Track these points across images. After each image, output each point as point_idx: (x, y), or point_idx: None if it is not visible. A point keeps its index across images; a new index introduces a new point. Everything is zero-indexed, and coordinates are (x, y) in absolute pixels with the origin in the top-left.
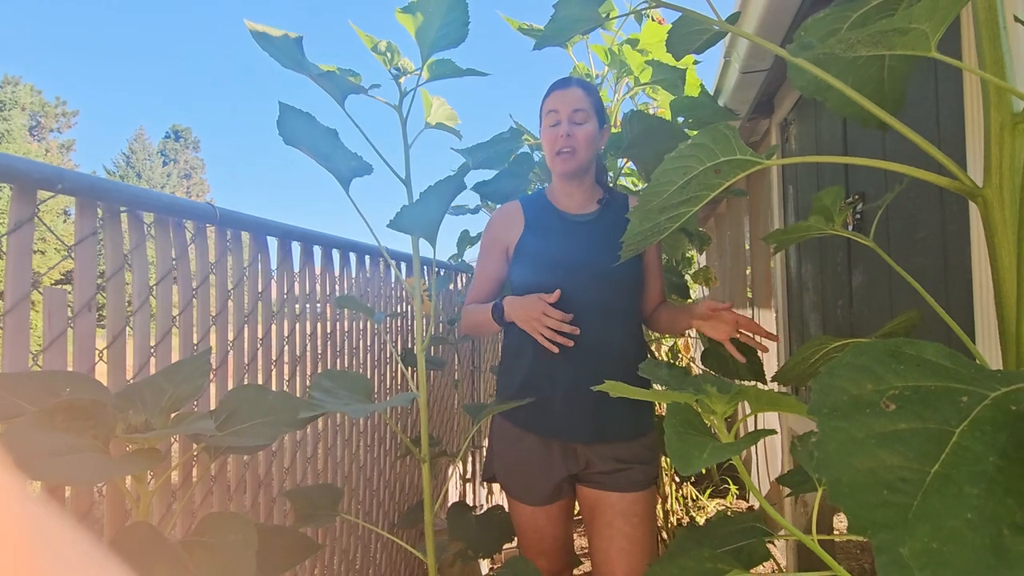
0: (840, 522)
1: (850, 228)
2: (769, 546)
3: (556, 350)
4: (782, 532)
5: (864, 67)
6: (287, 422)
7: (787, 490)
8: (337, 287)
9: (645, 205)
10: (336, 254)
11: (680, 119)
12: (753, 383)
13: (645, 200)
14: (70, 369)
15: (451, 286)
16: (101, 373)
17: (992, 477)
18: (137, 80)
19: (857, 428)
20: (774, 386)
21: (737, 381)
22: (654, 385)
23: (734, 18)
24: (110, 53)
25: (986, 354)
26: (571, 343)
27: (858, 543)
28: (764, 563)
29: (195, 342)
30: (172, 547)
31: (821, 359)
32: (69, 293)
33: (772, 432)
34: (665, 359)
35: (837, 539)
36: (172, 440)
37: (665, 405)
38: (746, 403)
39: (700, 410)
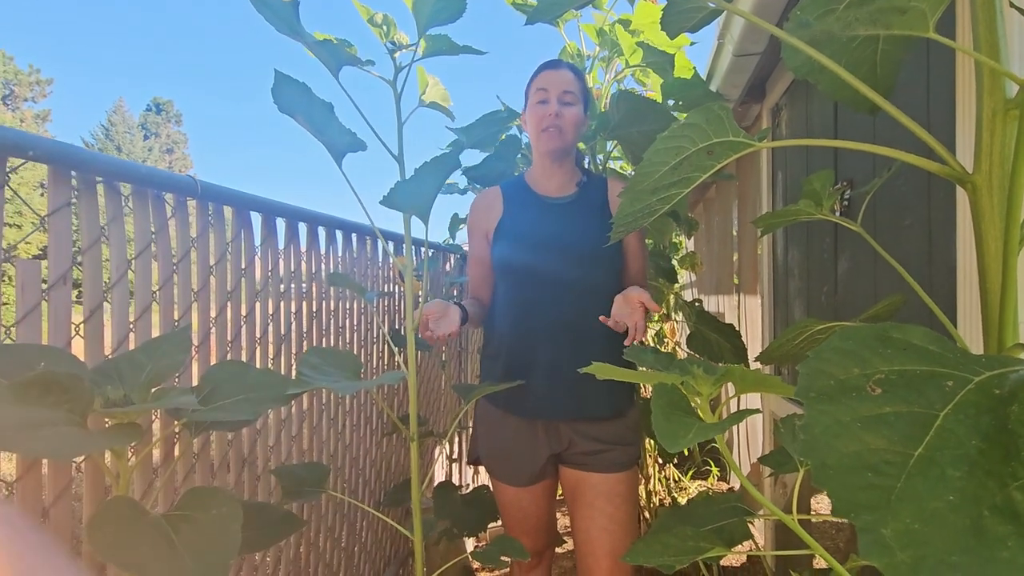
0: (817, 503)
1: (838, 214)
2: (749, 524)
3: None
4: (762, 512)
5: (857, 50)
6: (270, 398)
7: (767, 471)
8: (323, 266)
9: (636, 186)
10: (322, 232)
11: (671, 102)
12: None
13: (636, 181)
14: (45, 343)
15: (444, 265)
16: (79, 349)
17: (974, 460)
18: (115, 50)
19: (843, 412)
20: (758, 368)
21: (720, 364)
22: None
23: None
24: (85, 22)
25: (967, 338)
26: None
27: (833, 523)
28: (744, 542)
29: (176, 318)
30: (155, 521)
31: (805, 341)
32: (44, 266)
33: (756, 411)
34: (651, 343)
35: (815, 519)
36: (153, 417)
37: (650, 387)
38: (730, 385)
39: (685, 392)
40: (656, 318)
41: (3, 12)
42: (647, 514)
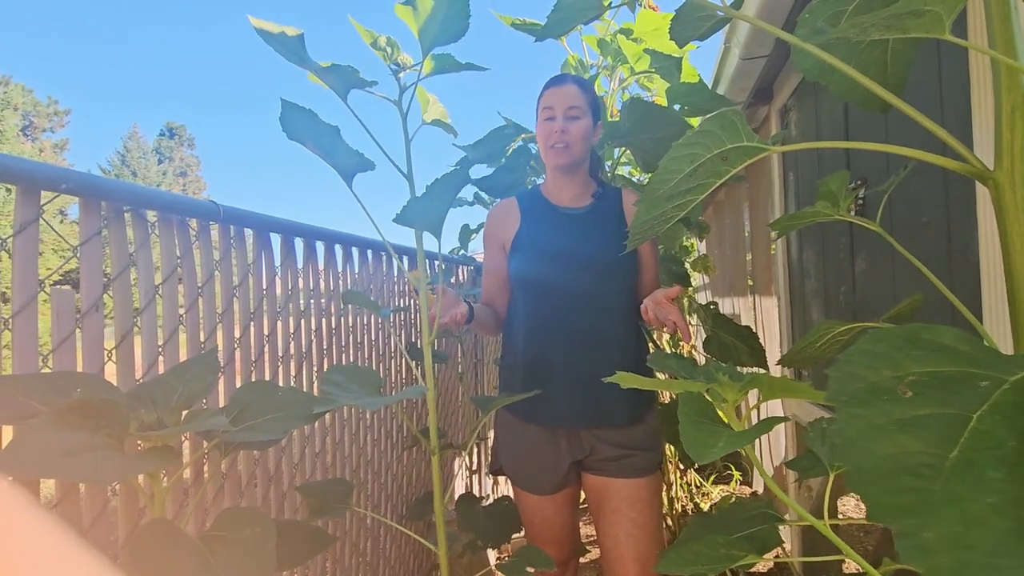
0: (843, 505)
1: (853, 214)
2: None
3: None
4: (787, 515)
5: (867, 51)
6: (298, 416)
7: (791, 476)
8: (340, 282)
9: (652, 193)
10: (339, 249)
11: (677, 107)
12: (756, 369)
13: (652, 188)
14: (80, 370)
15: (452, 279)
16: (111, 373)
17: (1013, 461)
18: (129, 79)
19: (876, 415)
20: (778, 370)
21: (740, 368)
22: (657, 374)
23: (737, 3)
24: (98, 47)
25: (995, 337)
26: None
27: (860, 527)
28: (776, 548)
29: (202, 340)
30: (192, 542)
31: (827, 343)
32: (76, 294)
33: (785, 419)
34: (667, 347)
35: (843, 523)
36: (183, 438)
37: (668, 393)
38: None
39: (711, 399)
40: None
41: (22, 46)
42: (669, 521)
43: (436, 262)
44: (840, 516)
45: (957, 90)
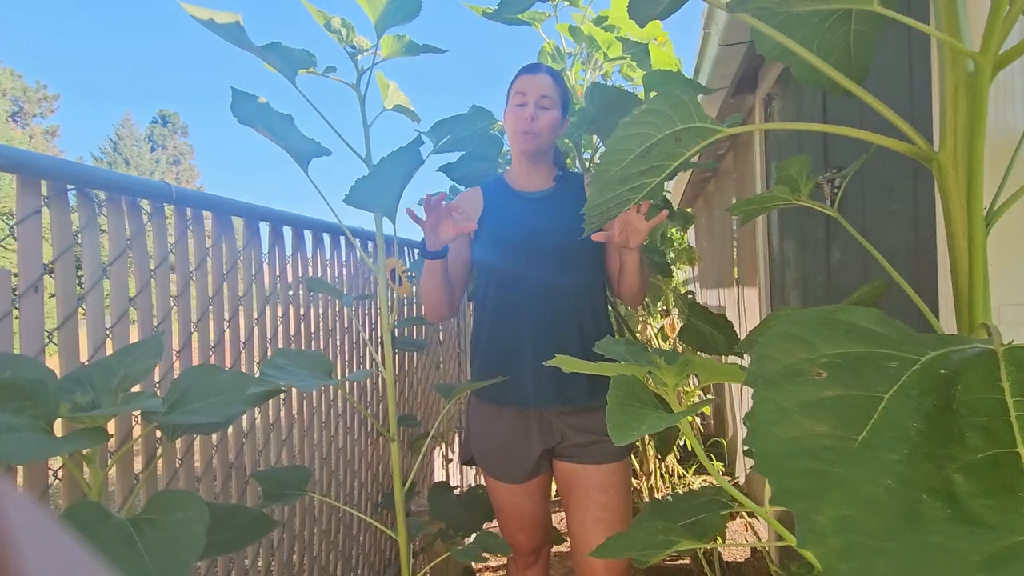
0: None
1: (829, 202)
2: (753, 520)
3: (472, 225)
4: (737, 505)
5: (829, 31)
6: (242, 400)
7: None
8: (310, 269)
9: (603, 174)
10: (308, 235)
11: (652, 94)
12: (721, 356)
13: (603, 169)
14: (17, 352)
15: None
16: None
17: (915, 442)
18: (121, 65)
19: (784, 397)
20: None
21: (717, 357)
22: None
23: None
24: (91, 38)
25: (951, 321)
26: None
27: None
28: (745, 534)
29: (155, 324)
30: (119, 523)
31: None
32: (14, 274)
33: (710, 400)
34: (654, 339)
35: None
36: (133, 424)
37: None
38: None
39: (653, 383)
40: (658, 316)
41: (11, 31)
42: None
43: (393, 246)
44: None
45: (925, 76)
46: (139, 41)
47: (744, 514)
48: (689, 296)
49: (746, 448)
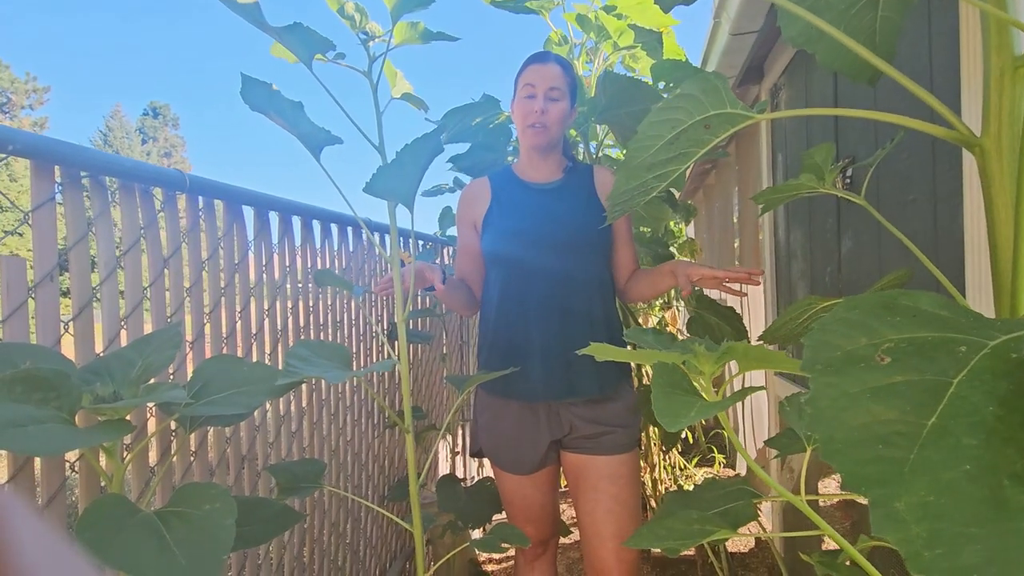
0: (824, 487)
1: (840, 187)
2: (754, 507)
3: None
4: (770, 494)
5: (856, 17)
6: (263, 391)
7: (773, 455)
8: (319, 260)
9: (631, 162)
10: (317, 225)
11: (661, 85)
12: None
13: (631, 156)
14: (33, 342)
15: (437, 259)
16: (69, 346)
17: (992, 427)
18: (111, 57)
19: (850, 383)
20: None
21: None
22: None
23: None
24: (82, 30)
25: (977, 310)
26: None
27: (841, 506)
28: (749, 523)
29: (168, 315)
30: (146, 518)
31: (809, 319)
32: (29, 263)
33: (760, 388)
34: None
35: (823, 500)
36: (148, 415)
37: (648, 374)
38: (733, 367)
39: (687, 371)
40: (657, 307)
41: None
42: (653, 503)
43: (411, 239)
44: (820, 494)
45: (947, 60)
46: (131, 32)
47: None
48: (696, 289)
49: (766, 440)
